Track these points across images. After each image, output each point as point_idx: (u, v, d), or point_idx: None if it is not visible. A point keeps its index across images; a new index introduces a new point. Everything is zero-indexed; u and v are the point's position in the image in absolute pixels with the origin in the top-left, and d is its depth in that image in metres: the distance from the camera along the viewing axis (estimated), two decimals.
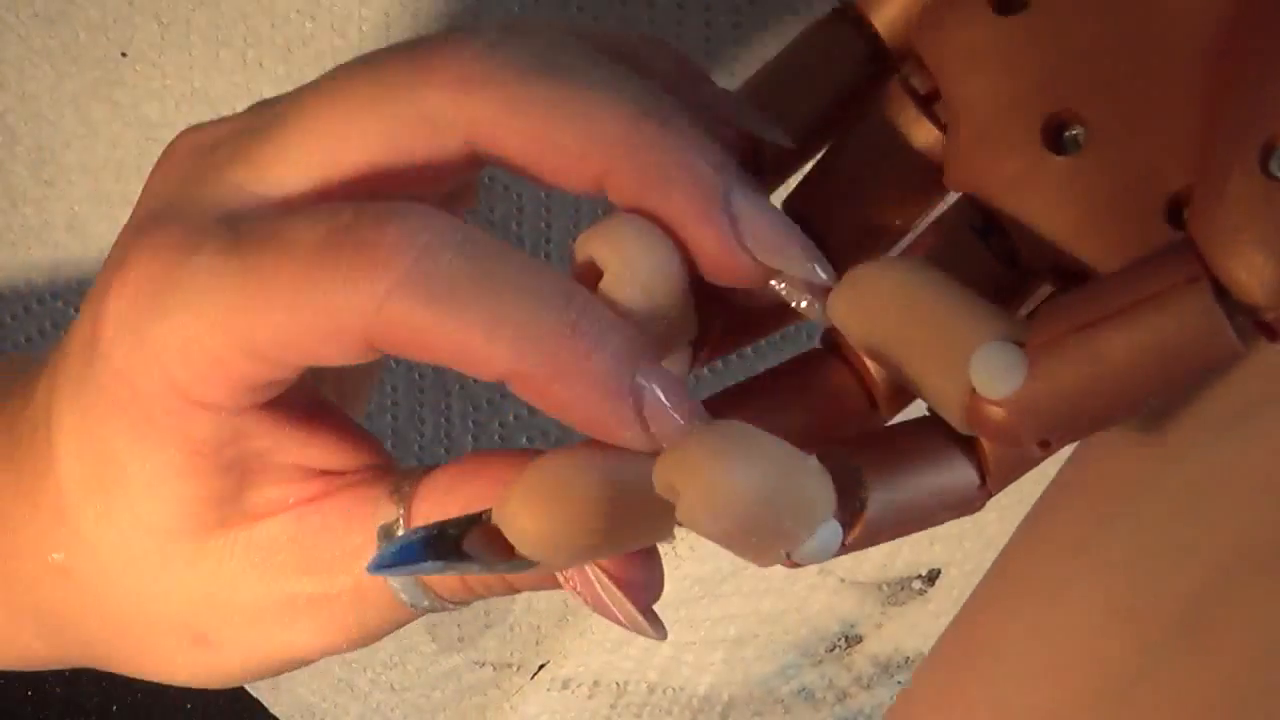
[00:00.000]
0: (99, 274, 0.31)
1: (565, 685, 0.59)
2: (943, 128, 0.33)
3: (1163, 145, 0.31)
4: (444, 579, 0.31)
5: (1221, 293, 0.28)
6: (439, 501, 0.31)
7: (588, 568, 0.29)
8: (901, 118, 0.33)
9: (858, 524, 0.29)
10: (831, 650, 0.59)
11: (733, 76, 0.54)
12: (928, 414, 0.31)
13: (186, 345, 0.29)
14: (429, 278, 0.27)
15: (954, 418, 0.29)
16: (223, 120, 0.32)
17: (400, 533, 0.30)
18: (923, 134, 0.33)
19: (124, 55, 0.54)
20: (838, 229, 0.33)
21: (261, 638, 0.32)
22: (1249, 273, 0.27)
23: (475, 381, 0.55)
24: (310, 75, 0.54)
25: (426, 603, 0.31)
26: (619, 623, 0.30)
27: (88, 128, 0.54)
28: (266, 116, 0.31)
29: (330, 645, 0.32)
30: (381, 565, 0.28)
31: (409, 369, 0.56)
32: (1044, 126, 0.31)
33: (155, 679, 0.34)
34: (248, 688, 0.58)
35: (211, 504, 0.31)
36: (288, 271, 0.28)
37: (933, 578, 0.58)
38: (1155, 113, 0.31)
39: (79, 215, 0.55)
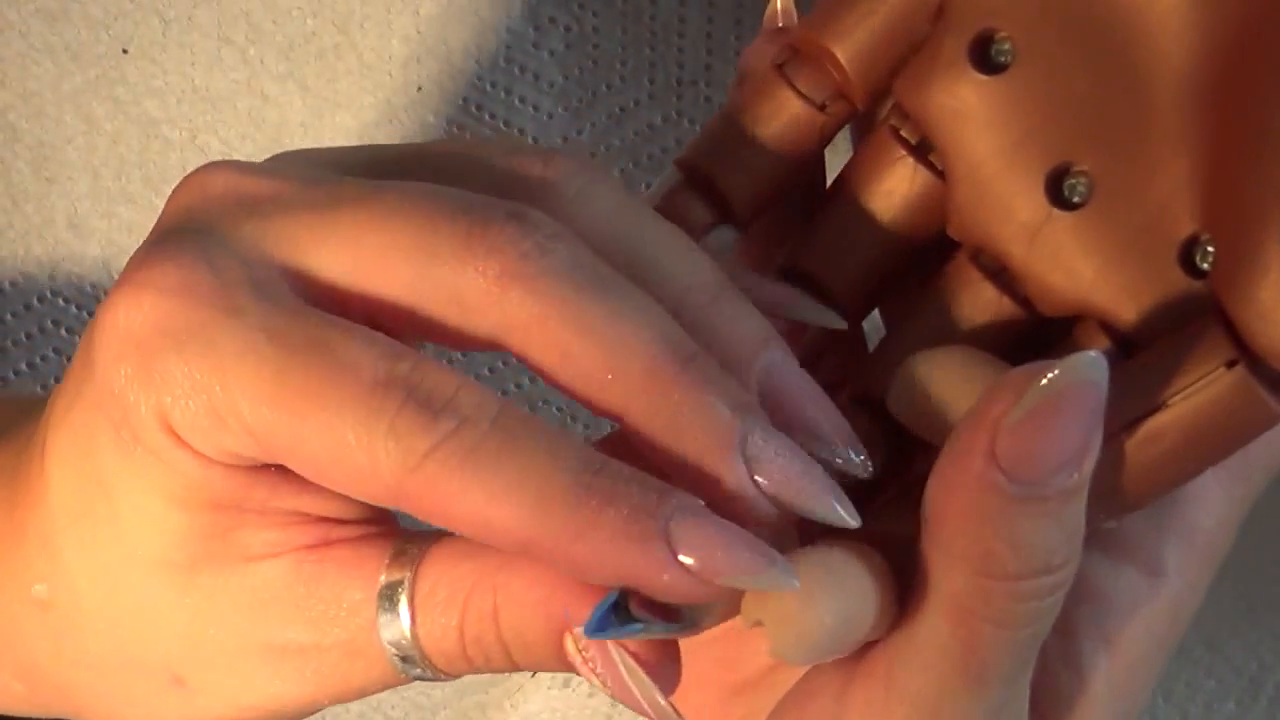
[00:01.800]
0: (116, 285, 0.30)
1: (566, 684, 0.59)
2: (939, 173, 0.33)
3: (1167, 190, 0.31)
4: (443, 648, 0.30)
5: (1255, 361, 0.30)
6: (450, 567, 0.30)
7: (613, 651, 0.29)
8: (896, 167, 0.33)
9: None
10: None
11: (735, 72, 0.54)
12: None
13: (194, 392, 0.29)
14: (466, 445, 0.28)
15: None
16: (262, 170, 0.32)
17: (404, 595, 0.30)
18: (920, 181, 0.33)
19: (125, 52, 0.54)
20: (844, 281, 0.34)
21: (241, 685, 0.31)
22: None
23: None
24: (311, 73, 0.54)
25: (417, 670, 0.30)
26: (640, 710, 0.29)
27: (89, 125, 0.54)
28: (317, 194, 0.31)
29: (311, 700, 0.31)
30: (599, 629, 0.28)
31: None
32: (1046, 181, 0.32)
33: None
34: None
35: (202, 538, 0.30)
36: (338, 397, 0.28)
37: None
38: (1154, 158, 0.31)
39: (80, 212, 0.55)
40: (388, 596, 0.30)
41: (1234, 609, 0.56)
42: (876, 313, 0.36)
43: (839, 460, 0.30)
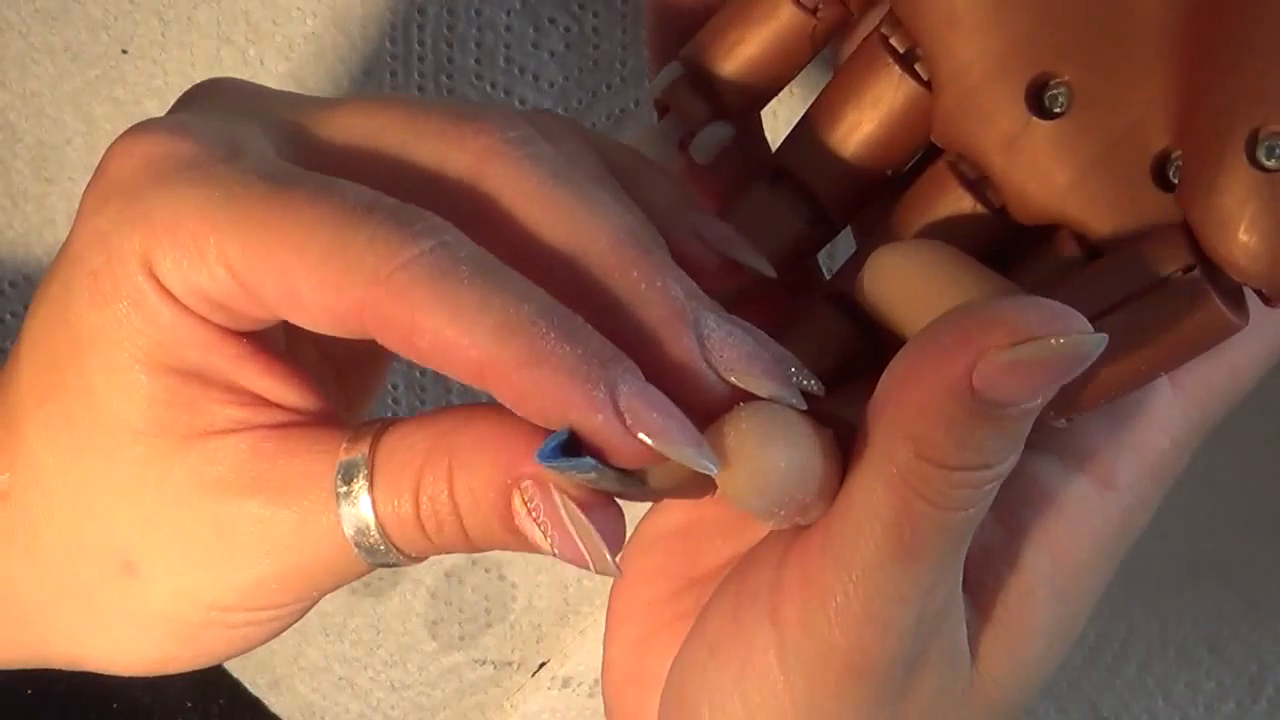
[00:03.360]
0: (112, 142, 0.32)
1: (566, 684, 0.59)
2: (925, 84, 0.34)
3: (1143, 104, 0.32)
4: (399, 515, 0.31)
5: (1211, 269, 0.30)
6: (406, 435, 0.31)
7: (558, 499, 0.29)
8: (882, 75, 0.34)
9: None
10: None
11: None
12: None
13: (177, 220, 0.29)
14: (440, 265, 0.29)
15: None
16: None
17: (363, 473, 0.31)
18: (906, 90, 0.34)
19: (125, 52, 0.54)
20: (828, 183, 0.35)
21: (191, 569, 0.31)
22: (1246, 258, 0.30)
23: None
24: (312, 72, 0.54)
25: (370, 544, 0.31)
26: (579, 559, 0.30)
27: (89, 125, 0.54)
28: (319, 99, 0.33)
29: (259, 587, 0.31)
30: (548, 455, 0.28)
31: (410, 367, 0.56)
32: (1027, 89, 0.32)
33: (66, 648, 0.33)
34: (247, 686, 0.58)
35: (167, 405, 0.31)
36: (320, 212, 0.29)
37: None
38: (1133, 72, 0.32)
39: None
40: (347, 469, 0.31)
41: (1234, 609, 0.56)
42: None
43: (775, 397, 0.31)
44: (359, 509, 0.31)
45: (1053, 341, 0.28)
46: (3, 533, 0.32)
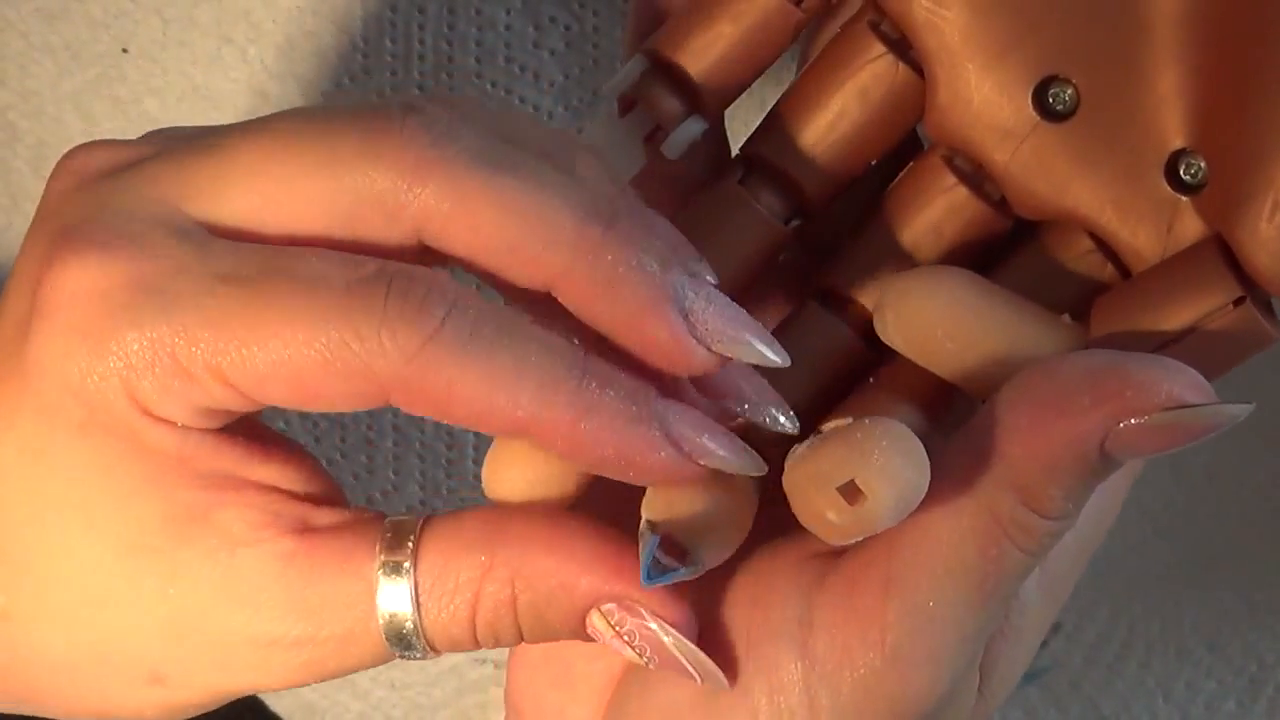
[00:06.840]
0: (32, 290, 0.30)
1: None
2: (918, 71, 0.33)
3: (1154, 104, 0.32)
4: (451, 634, 0.31)
5: (1254, 288, 0.31)
6: (454, 555, 0.30)
7: (653, 623, 0.30)
8: (874, 65, 0.33)
9: None
10: None
11: None
12: None
13: (157, 356, 0.29)
14: (465, 330, 0.28)
15: None
16: (123, 143, 0.32)
17: (407, 584, 0.31)
18: (901, 77, 0.33)
19: (125, 51, 0.54)
20: (810, 174, 0.34)
21: (227, 678, 0.31)
22: None
23: None
24: (312, 72, 0.54)
25: (409, 644, 0.31)
26: (679, 669, 0.30)
27: (89, 124, 0.54)
28: (198, 146, 0.31)
29: (299, 684, 0.31)
30: (654, 577, 0.29)
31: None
32: (1033, 91, 0.32)
33: None
34: None
35: (182, 521, 0.30)
36: (316, 307, 0.28)
37: None
38: (1142, 72, 0.32)
39: None
40: (388, 587, 0.30)
41: (1234, 609, 0.56)
42: None
43: (760, 361, 0.31)
44: (402, 619, 0.30)
45: (1214, 408, 0.28)
46: (8, 649, 0.31)
